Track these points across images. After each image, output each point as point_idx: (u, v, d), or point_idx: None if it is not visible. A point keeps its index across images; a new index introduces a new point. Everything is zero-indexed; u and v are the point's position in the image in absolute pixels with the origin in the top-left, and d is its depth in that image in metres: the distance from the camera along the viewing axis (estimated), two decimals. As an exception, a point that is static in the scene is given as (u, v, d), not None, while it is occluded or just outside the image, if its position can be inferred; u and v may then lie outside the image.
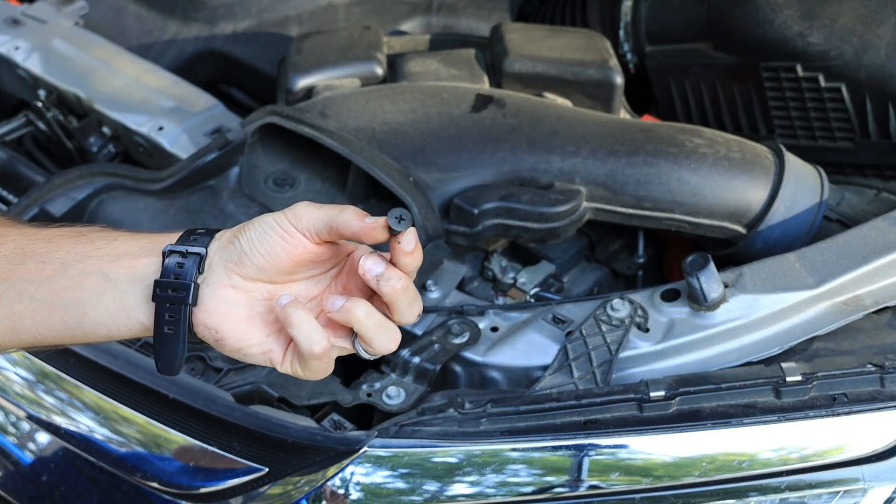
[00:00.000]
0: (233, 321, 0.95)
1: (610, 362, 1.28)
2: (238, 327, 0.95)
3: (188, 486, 1.22)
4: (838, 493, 1.20)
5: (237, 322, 0.95)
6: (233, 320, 0.95)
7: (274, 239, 0.94)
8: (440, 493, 1.19)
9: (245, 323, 0.95)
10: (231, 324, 0.95)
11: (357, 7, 2.29)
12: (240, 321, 0.95)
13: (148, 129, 1.73)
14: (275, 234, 0.94)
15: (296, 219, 0.94)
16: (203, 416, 1.21)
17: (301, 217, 0.94)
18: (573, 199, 1.45)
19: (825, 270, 1.37)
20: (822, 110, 1.74)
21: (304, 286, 0.99)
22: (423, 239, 1.43)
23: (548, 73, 1.68)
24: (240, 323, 0.95)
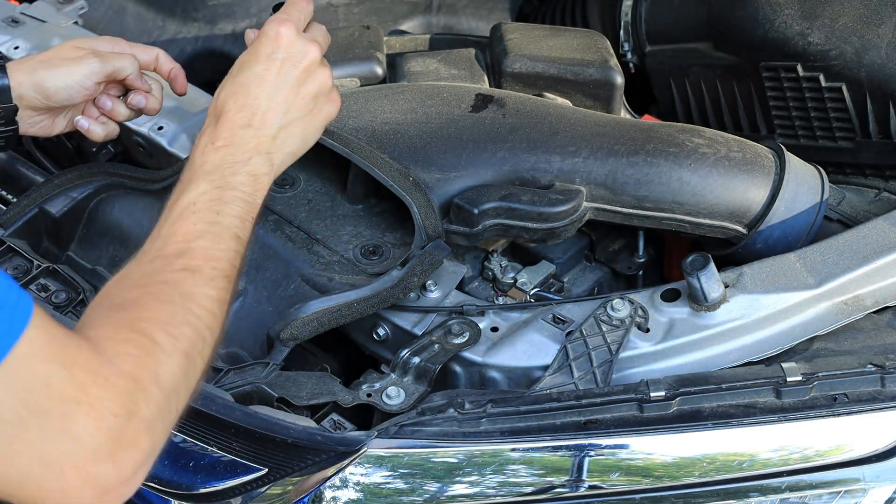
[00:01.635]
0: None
1: (610, 362, 1.28)
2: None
3: (187, 486, 1.22)
4: (839, 493, 1.20)
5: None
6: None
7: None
8: (440, 494, 1.19)
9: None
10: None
11: (357, 7, 2.29)
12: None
13: (147, 128, 1.73)
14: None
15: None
16: (202, 416, 1.21)
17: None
18: (573, 199, 1.45)
19: (826, 270, 1.37)
20: (822, 110, 1.74)
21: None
22: (423, 239, 1.43)
23: (548, 73, 1.68)
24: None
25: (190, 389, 1.02)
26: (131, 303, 1.02)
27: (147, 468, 0.96)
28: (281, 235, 1.55)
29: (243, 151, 1.23)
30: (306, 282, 1.48)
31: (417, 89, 1.61)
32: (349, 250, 1.53)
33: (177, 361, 0.98)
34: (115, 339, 0.96)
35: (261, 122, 1.25)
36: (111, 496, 0.92)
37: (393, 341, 1.42)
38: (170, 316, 1.01)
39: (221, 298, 1.09)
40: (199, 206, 1.16)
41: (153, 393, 0.94)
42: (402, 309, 1.42)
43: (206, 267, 1.09)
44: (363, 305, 1.37)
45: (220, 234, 1.14)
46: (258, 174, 1.23)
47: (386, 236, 1.56)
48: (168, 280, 1.06)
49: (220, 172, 1.20)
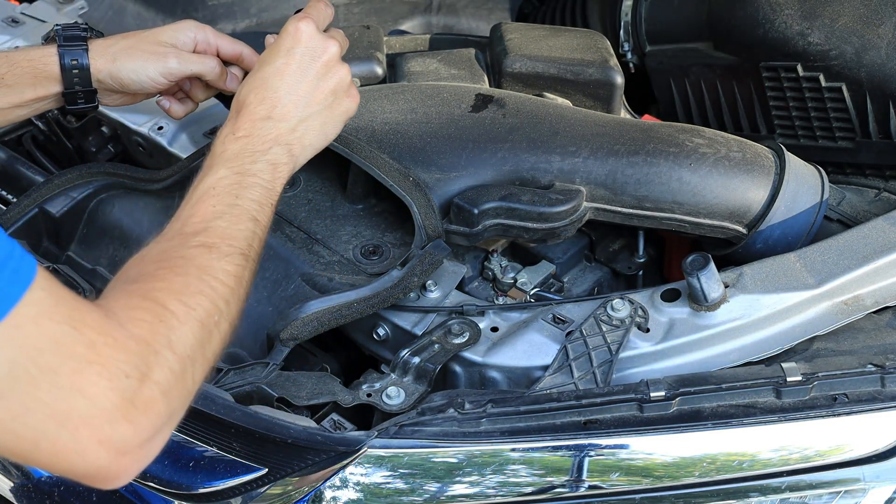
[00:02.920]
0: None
1: (610, 362, 1.28)
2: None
3: (187, 486, 1.22)
4: (839, 493, 1.20)
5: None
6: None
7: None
8: (440, 494, 1.19)
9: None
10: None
11: (357, 7, 2.29)
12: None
13: (147, 128, 1.73)
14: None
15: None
16: (202, 416, 1.21)
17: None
18: (573, 199, 1.45)
19: (826, 270, 1.37)
20: (822, 110, 1.74)
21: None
22: (423, 239, 1.43)
23: (548, 73, 1.68)
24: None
25: (208, 360, 1.02)
26: (146, 276, 1.03)
27: (165, 435, 0.96)
28: (281, 235, 1.55)
29: (263, 141, 1.26)
30: (306, 282, 1.48)
31: (417, 89, 1.61)
32: (349, 250, 1.53)
33: (190, 329, 0.99)
34: (126, 307, 0.97)
35: (280, 114, 1.29)
36: (128, 459, 0.93)
37: (393, 341, 1.42)
38: (184, 286, 1.03)
39: (238, 274, 1.11)
40: (218, 190, 1.18)
41: (167, 357, 0.95)
42: (402, 309, 1.42)
43: (223, 244, 1.11)
44: (363, 305, 1.37)
45: (238, 216, 1.16)
46: (277, 163, 1.26)
47: (386, 236, 1.56)
48: (184, 255, 1.08)
49: (239, 160, 1.23)
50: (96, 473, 0.93)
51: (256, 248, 1.17)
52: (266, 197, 1.22)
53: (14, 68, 1.45)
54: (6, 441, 0.89)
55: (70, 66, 1.45)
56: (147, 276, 1.04)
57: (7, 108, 1.46)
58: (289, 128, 1.29)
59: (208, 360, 1.03)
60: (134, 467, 0.95)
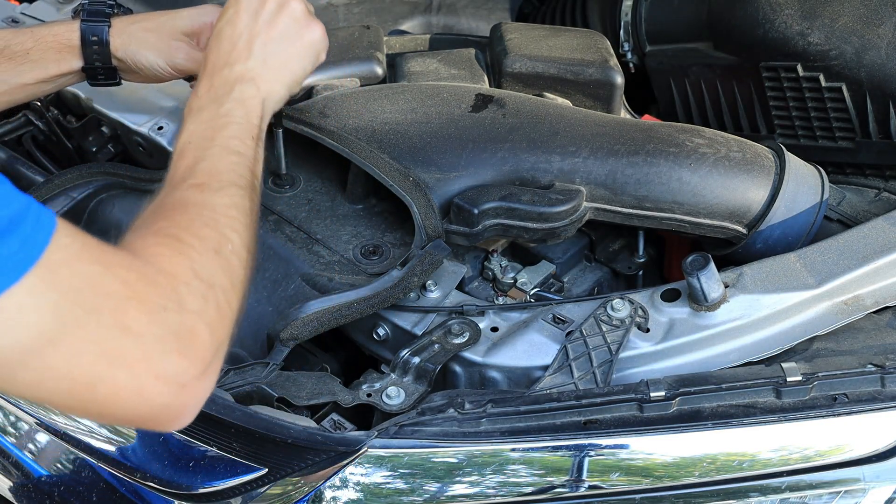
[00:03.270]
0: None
1: (610, 362, 1.28)
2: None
3: (187, 486, 1.22)
4: (839, 493, 1.20)
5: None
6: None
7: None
8: (440, 494, 1.19)
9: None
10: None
11: (357, 7, 2.29)
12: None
13: (147, 128, 1.73)
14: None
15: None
16: (202, 416, 1.20)
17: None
18: (573, 199, 1.45)
19: (826, 270, 1.37)
20: (822, 110, 1.74)
21: None
22: (423, 239, 1.43)
23: (548, 73, 1.68)
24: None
25: (236, 288, 1.04)
26: (150, 221, 1.05)
27: (217, 367, 0.98)
28: (281, 235, 1.55)
29: (224, 85, 1.28)
30: (306, 282, 1.48)
31: (417, 89, 1.61)
32: (349, 250, 1.53)
33: (209, 258, 1.01)
34: (145, 245, 0.99)
35: (236, 57, 1.31)
36: (187, 393, 0.94)
37: (393, 341, 1.42)
38: (188, 222, 1.05)
39: (236, 204, 1.12)
40: (193, 141, 1.20)
41: (195, 286, 0.97)
42: (402, 309, 1.42)
43: (212, 181, 1.13)
44: (363, 305, 1.37)
45: (218, 155, 1.18)
46: (244, 98, 1.27)
47: (386, 236, 1.56)
48: (178, 197, 1.10)
49: (206, 110, 1.25)
50: (160, 412, 0.93)
51: (248, 179, 1.18)
52: (244, 131, 1.23)
53: (39, 43, 1.47)
54: (63, 389, 0.89)
55: (91, 41, 1.47)
56: (151, 220, 1.05)
57: (32, 83, 1.48)
58: (246, 67, 1.31)
59: (236, 287, 1.04)
60: (194, 402, 0.95)
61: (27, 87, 1.49)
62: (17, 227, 0.87)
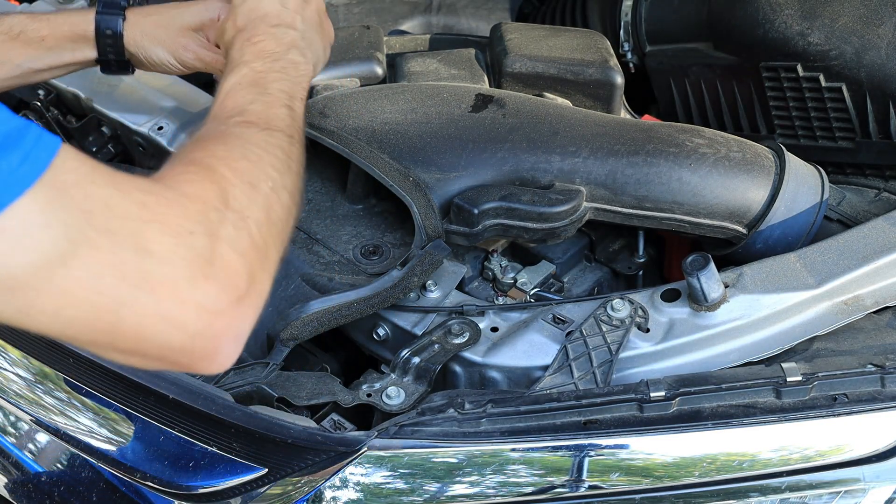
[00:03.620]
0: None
1: (610, 362, 1.28)
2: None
3: (187, 486, 1.22)
4: (839, 493, 1.20)
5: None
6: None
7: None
8: (440, 494, 1.19)
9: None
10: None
11: (357, 7, 2.29)
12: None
13: (147, 128, 1.73)
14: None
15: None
16: (202, 416, 1.21)
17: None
18: (573, 199, 1.45)
19: (826, 270, 1.37)
20: (822, 110, 1.74)
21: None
22: (423, 239, 1.43)
23: (548, 73, 1.68)
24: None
25: (273, 223, 0.97)
26: (186, 151, 1.01)
27: (254, 299, 0.91)
28: (281, 235, 1.55)
29: (280, 44, 1.27)
30: (306, 282, 1.48)
31: (417, 89, 1.61)
32: (349, 250, 1.53)
33: (243, 191, 0.95)
34: (173, 173, 0.94)
35: (288, 22, 1.31)
36: (221, 322, 0.88)
37: (393, 341, 1.42)
38: (227, 153, 1.00)
39: (283, 146, 1.07)
40: (244, 84, 1.17)
41: (227, 215, 0.91)
42: (402, 309, 1.42)
43: (261, 122, 1.09)
44: (363, 305, 1.37)
45: (270, 103, 1.15)
46: (297, 62, 1.27)
47: (386, 236, 1.56)
48: (223, 131, 1.06)
49: (261, 60, 1.23)
50: (193, 343, 0.87)
51: (298, 132, 1.15)
52: (294, 90, 1.21)
53: (55, 31, 1.48)
54: (85, 316, 0.84)
55: (105, 34, 1.47)
56: (186, 151, 1.01)
57: (45, 68, 1.50)
58: (299, 35, 1.31)
59: (273, 224, 0.98)
60: (230, 333, 0.89)
61: (40, 72, 1.50)
62: (16, 143, 0.81)
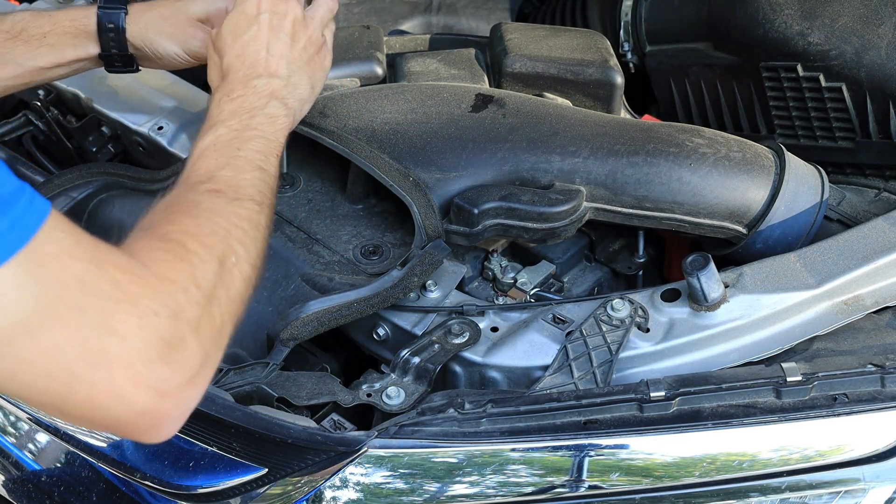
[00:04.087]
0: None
1: (610, 362, 1.28)
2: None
3: (187, 486, 1.22)
4: (839, 493, 1.20)
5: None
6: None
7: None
8: (440, 494, 1.19)
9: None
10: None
11: (357, 7, 2.29)
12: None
13: (147, 128, 1.73)
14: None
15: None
16: (202, 416, 1.21)
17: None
18: (573, 199, 1.45)
19: (826, 270, 1.37)
20: (822, 110, 1.74)
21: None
22: (423, 239, 1.43)
23: (548, 73, 1.68)
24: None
25: (234, 301, 1.01)
26: (159, 222, 1.03)
27: (203, 380, 0.94)
28: (281, 235, 1.55)
29: (259, 97, 1.29)
30: (306, 282, 1.48)
31: (417, 89, 1.61)
32: (349, 250, 1.53)
33: (211, 267, 0.98)
34: (146, 248, 0.96)
35: (271, 71, 1.33)
36: (169, 403, 0.90)
37: (393, 341, 1.42)
38: (196, 227, 1.02)
39: (251, 218, 1.10)
40: (219, 146, 1.19)
41: (193, 294, 0.94)
42: (402, 309, 1.42)
43: (230, 191, 1.12)
44: (363, 305, 1.37)
45: (242, 166, 1.17)
46: (276, 116, 1.29)
47: (386, 236, 1.56)
48: (193, 200, 1.08)
49: (237, 118, 1.25)
50: (138, 420, 0.90)
51: (268, 195, 1.17)
52: (269, 148, 1.23)
53: (56, 27, 1.48)
54: (40, 385, 0.86)
55: (107, 28, 1.47)
56: (159, 221, 1.03)
57: (48, 66, 1.49)
58: (281, 83, 1.33)
59: (234, 300, 1.01)
60: (176, 413, 0.92)
61: (43, 70, 1.49)
62: (8, 206, 0.83)
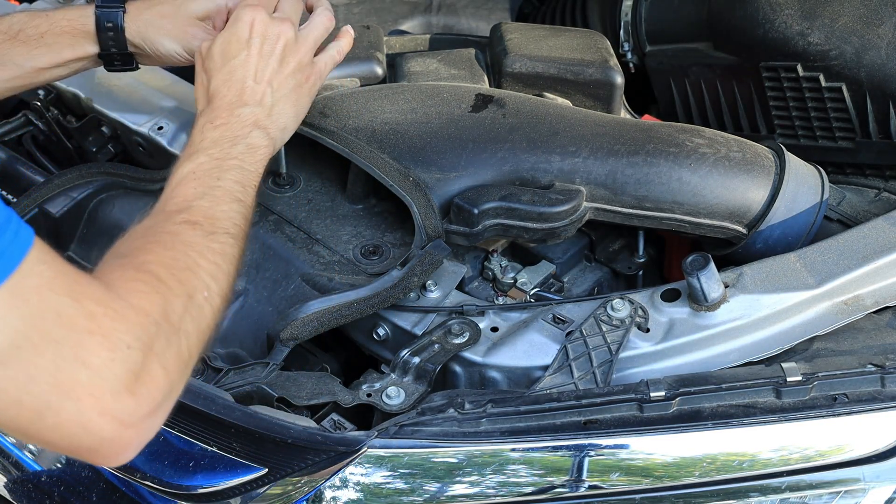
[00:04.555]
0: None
1: (610, 362, 1.28)
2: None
3: (187, 486, 1.22)
4: (839, 493, 1.20)
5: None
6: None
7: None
8: (440, 494, 1.19)
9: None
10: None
11: (357, 7, 2.29)
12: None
13: (147, 128, 1.73)
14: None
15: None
16: (202, 416, 1.21)
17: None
18: (573, 199, 1.45)
19: (826, 270, 1.37)
20: (822, 110, 1.74)
21: None
22: (423, 239, 1.43)
23: (548, 73, 1.68)
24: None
25: (201, 334, 1.03)
26: (135, 250, 1.05)
27: (166, 409, 0.97)
28: (281, 235, 1.55)
29: (242, 126, 1.30)
30: (306, 282, 1.48)
31: (417, 89, 1.61)
32: (349, 250, 1.53)
33: (182, 302, 1.01)
34: (123, 279, 0.98)
35: (255, 100, 1.33)
36: (131, 433, 0.93)
37: (393, 341, 1.42)
38: (172, 260, 1.04)
39: (224, 252, 1.12)
40: (198, 174, 1.20)
41: (163, 327, 0.97)
42: (402, 309, 1.42)
43: (206, 223, 1.13)
44: (363, 305, 1.37)
45: (220, 197, 1.18)
46: (257, 146, 1.30)
47: (386, 236, 1.56)
48: (169, 230, 1.10)
49: (219, 146, 1.26)
50: (100, 447, 0.92)
51: (242, 227, 1.19)
52: (247, 179, 1.25)
53: (53, 27, 1.47)
54: (10, 412, 0.89)
55: (106, 27, 1.47)
56: (136, 250, 1.05)
57: (47, 67, 1.49)
58: (265, 112, 1.34)
59: (201, 333, 1.04)
60: (136, 441, 0.95)
61: (42, 71, 1.49)
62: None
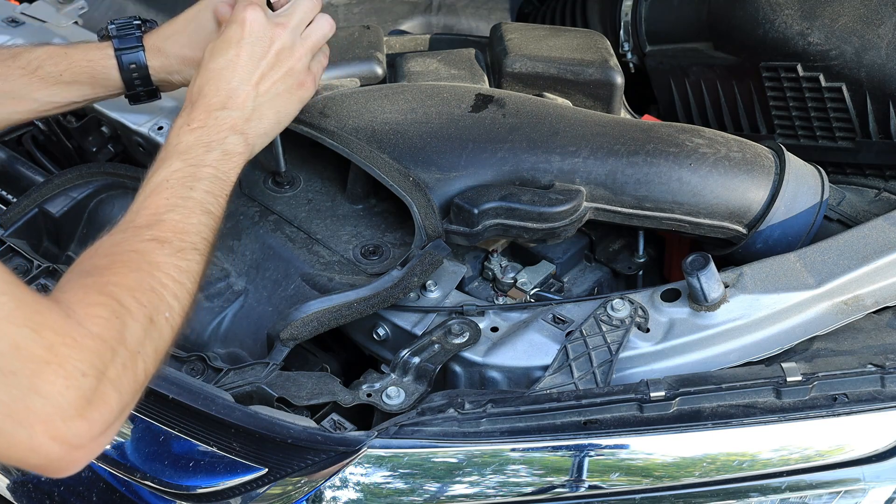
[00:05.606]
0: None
1: (610, 362, 1.28)
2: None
3: (187, 486, 1.22)
4: (839, 493, 1.20)
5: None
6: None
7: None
8: (440, 494, 1.19)
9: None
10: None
11: (357, 7, 2.29)
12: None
13: (147, 128, 1.73)
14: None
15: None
16: (202, 416, 1.21)
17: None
18: (573, 199, 1.45)
19: (826, 270, 1.37)
20: (822, 110, 1.74)
21: None
22: (423, 239, 1.43)
23: (548, 73, 1.68)
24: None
25: (158, 353, 1.05)
26: (101, 269, 1.05)
27: (116, 428, 0.99)
28: (281, 235, 1.55)
29: (218, 131, 1.28)
30: (306, 282, 1.48)
31: (417, 89, 1.61)
32: (349, 250, 1.53)
33: (142, 326, 1.02)
34: (84, 303, 0.99)
35: (235, 103, 1.31)
36: (80, 453, 0.95)
37: (393, 341, 1.42)
38: (137, 282, 1.05)
39: (190, 269, 1.13)
40: (171, 182, 1.20)
41: (120, 353, 0.98)
42: (402, 309, 1.42)
43: (175, 239, 1.13)
44: (363, 305, 1.37)
45: (191, 209, 1.18)
46: (232, 153, 1.28)
47: (386, 236, 1.56)
48: (136, 249, 1.10)
49: (194, 151, 1.24)
50: (48, 465, 0.95)
51: (210, 241, 1.19)
52: (220, 188, 1.24)
53: (72, 66, 1.46)
54: None
55: (129, 69, 1.46)
56: (101, 269, 1.05)
57: (66, 103, 1.49)
58: (243, 117, 1.31)
59: (159, 352, 1.05)
60: (85, 459, 0.97)
61: (60, 106, 1.49)
62: None
